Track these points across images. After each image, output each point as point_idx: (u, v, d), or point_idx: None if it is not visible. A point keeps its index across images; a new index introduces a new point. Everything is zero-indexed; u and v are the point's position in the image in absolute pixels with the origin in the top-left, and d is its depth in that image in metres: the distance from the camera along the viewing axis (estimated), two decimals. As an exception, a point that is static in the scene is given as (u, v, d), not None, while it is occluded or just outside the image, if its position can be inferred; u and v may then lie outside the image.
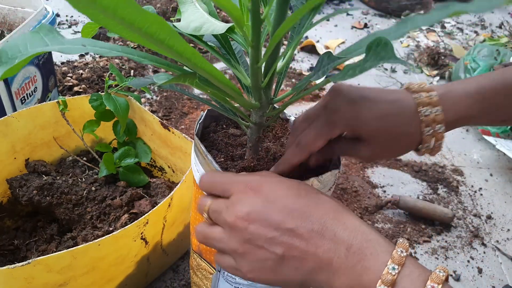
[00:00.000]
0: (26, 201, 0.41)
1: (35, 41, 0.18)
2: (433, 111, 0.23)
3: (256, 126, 0.26)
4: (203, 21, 0.22)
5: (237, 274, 0.22)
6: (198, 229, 0.23)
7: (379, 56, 0.18)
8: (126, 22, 0.15)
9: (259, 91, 0.24)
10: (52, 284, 0.32)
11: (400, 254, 0.18)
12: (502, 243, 0.55)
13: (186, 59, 0.19)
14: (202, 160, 0.27)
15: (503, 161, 0.71)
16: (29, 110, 0.44)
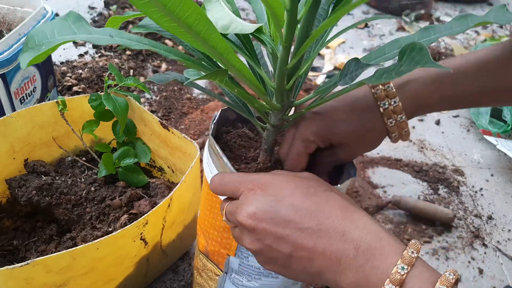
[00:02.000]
0: (25, 201, 0.41)
1: (63, 29, 0.18)
2: (391, 103, 0.24)
3: (273, 128, 0.26)
4: (231, 20, 0.22)
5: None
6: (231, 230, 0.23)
7: (414, 60, 0.18)
8: (167, 9, 0.15)
9: (282, 93, 0.24)
10: (51, 284, 0.31)
11: (411, 255, 0.18)
12: (503, 244, 0.55)
13: (219, 54, 0.19)
14: (217, 161, 0.27)
15: (504, 161, 0.71)
16: (28, 110, 0.44)
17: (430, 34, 0.21)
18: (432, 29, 0.21)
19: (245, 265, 0.29)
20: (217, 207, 0.28)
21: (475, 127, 0.79)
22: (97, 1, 1.09)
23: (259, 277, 0.29)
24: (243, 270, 0.30)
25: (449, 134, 0.77)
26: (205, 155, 0.29)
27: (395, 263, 0.18)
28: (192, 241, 0.49)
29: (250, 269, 0.29)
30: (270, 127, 0.26)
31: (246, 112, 0.27)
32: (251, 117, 0.27)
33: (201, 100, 0.78)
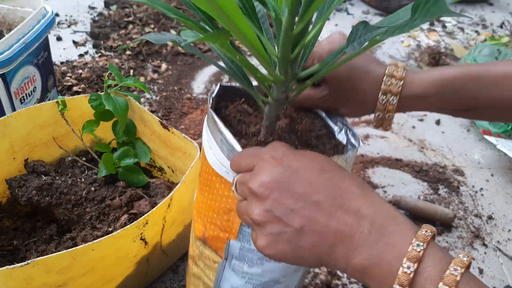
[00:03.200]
0: (25, 201, 0.41)
1: None
2: (393, 83, 0.25)
3: (275, 103, 0.24)
4: None
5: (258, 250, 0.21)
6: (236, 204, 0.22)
7: (429, 12, 0.16)
8: None
9: (287, 63, 0.22)
10: (51, 284, 0.31)
11: (425, 233, 0.18)
12: (503, 244, 0.55)
13: (225, 15, 0.17)
14: (217, 135, 0.25)
15: (504, 161, 0.71)
16: (28, 110, 0.44)
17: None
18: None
19: (247, 249, 0.27)
20: (216, 187, 0.26)
21: (475, 127, 0.78)
22: (97, 1, 1.09)
23: (261, 262, 0.28)
24: (244, 255, 0.28)
25: (450, 134, 0.77)
26: (204, 133, 0.28)
27: (410, 242, 0.18)
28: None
29: (252, 254, 0.27)
30: (272, 101, 0.24)
31: (246, 83, 0.25)
32: (252, 89, 0.25)
33: (201, 100, 0.78)
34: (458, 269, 0.17)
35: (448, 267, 0.17)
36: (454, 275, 0.17)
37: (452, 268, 0.17)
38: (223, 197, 0.27)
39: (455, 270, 0.17)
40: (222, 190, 0.26)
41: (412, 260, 0.17)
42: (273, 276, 0.29)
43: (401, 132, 0.76)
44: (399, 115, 0.86)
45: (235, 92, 0.30)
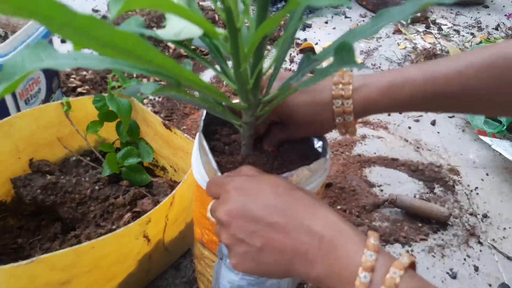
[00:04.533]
0: (30, 200, 0.42)
1: (32, 58, 0.19)
2: (344, 104, 0.27)
3: (247, 125, 0.28)
4: (183, 27, 0.23)
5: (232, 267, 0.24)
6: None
7: (342, 60, 0.19)
8: (101, 42, 0.16)
9: (246, 93, 0.25)
10: (55, 282, 0.32)
11: (374, 243, 0.20)
12: (498, 242, 0.56)
13: (167, 70, 0.20)
14: (203, 157, 0.28)
15: (499, 160, 0.72)
16: (33, 110, 0.44)
17: (382, 20, 0.22)
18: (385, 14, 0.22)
19: None
20: (205, 199, 0.30)
21: (471, 128, 0.80)
22: (100, 4, 1.10)
23: None
24: None
25: (445, 134, 0.78)
26: (194, 152, 0.31)
27: (357, 251, 0.20)
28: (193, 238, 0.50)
29: None
30: (244, 125, 0.28)
31: (220, 112, 0.28)
32: (226, 117, 0.28)
33: (202, 101, 0.79)
34: (397, 271, 0.19)
35: (388, 270, 0.19)
36: (393, 278, 0.19)
37: (392, 271, 0.19)
38: None
39: (394, 273, 0.19)
40: (208, 201, 0.29)
41: (368, 270, 0.19)
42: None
43: (397, 132, 0.78)
44: (395, 115, 0.87)
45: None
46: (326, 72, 0.20)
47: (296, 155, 0.30)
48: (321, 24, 1.23)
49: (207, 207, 0.29)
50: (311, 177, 0.27)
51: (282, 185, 0.23)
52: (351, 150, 0.71)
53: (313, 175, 0.27)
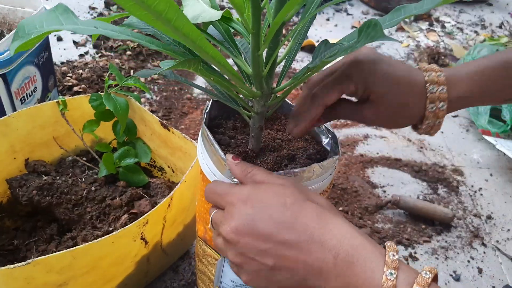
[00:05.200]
0: (26, 201, 0.41)
1: (51, 19, 0.19)
2: (438, 90, 0.25)
3: (258, 116, 0.27)
4: (201, 11, 0.23)
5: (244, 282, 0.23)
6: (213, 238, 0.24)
7: (369, 36, 0.19)
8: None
9: (260, 79, 0.24)
10: (52, 284, 0.32)
11: (393, 258, 0.19)
12: (502, 243, 0.55)
13: (191, 41, 0.19)
14: (209, 148, 0.27)
15: (503, 161, 0.71)
16: (28, 110, 0.44)
17: (401, 14, 0.22)
18: (403, 9, 0.22)
19: None
20: None
21: (475, 127, 0.79)
22: (97, 2, 1.09)
23: None
24: None
25: (449, 134, 0.77)
26: (198, 145, 0.30)
27: (376, 269, 0.18)
28: (192, 240, 0.49)
29: None
30: (254, 115, 0.27)
31: (232, 101, 0.28)
32: (237, 106, 0.28)
33: (201, 100, 0.78)
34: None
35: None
36: None
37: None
38: None
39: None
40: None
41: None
42: None
43: (400, 132, 0.77)
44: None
45: (229, 108, 0.32)
46: (353, 47, 0.19)
47: (304, 151, 0.29)
48: (322, 21, 1.21)
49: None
50: (322, 174, 0.26)
51: (290, 196, 0.22)
52: (353, 150, 0.70)
53: (324, 172, 0.26)
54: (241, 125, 0.32)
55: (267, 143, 0.30)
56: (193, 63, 0.20)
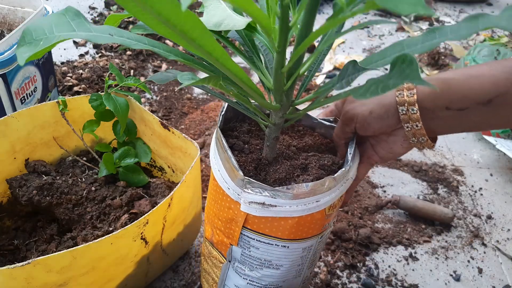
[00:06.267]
0: (26, 201, 0.41)
1: (62, 25, 0.17)
2: (409, 110, 0.26)
3: (275, 127, 0.27)
4: (224, 17, 0.22)
5: None
6: None
7: (403, 74, 0.18)
8: (162, 17, 0.16)
9: (281, 94, 0.24)
10: (52, 284, 0.32)
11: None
12: (503, 243, 0.55)
13: (214, 59, 0.19)
14: (222, 154, 0.27)
15: (503, 161, 0.71)
16: (29, 110, 0.44)
17: (435, 37, 0.21)
18: (438, 32, 0.21)
19: (247, 255, 0.30)
20: (220, 198, 0.29)
21: (475, 127, 0.79)
22: (97, 1, 1.09)
23: (260, 267, 0.30)
24: (245, 260, 0.30)
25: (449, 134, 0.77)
26: (212, 148, 0.30)
27: None
28: (192, 240, 0.49)
29: (252, 259, 0.30)
30: (271, 125, 0.27)
31: (248, 110, 0.28)
32: (253, 115, 0.28)
33: (201, 100, 0.78)
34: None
35: None
36: None
37: None
38: (225, 208, 0.29)
39: None
40: (225, 202, 0.29)
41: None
42: (272, 281, 0.31)
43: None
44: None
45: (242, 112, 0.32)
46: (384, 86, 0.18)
47: (318, 160, 0.29)
48: (322, 21, 1.21)
49: (222, 207, 0.28)
50: (334, 186, 0.27)
51: None
52: (353, 150, 0.70)
53: (337, 184, 0.27)
54: (256, 128, 0.32)
55: (281, 151, 0.30)
56: (213, 79, 0.20)
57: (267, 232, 0.28)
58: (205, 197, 0.56)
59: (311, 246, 0.30)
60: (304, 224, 0.28)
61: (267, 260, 0.30)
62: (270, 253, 0.29)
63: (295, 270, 0.31)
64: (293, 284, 0.33)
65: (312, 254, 0.32)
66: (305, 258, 0.31)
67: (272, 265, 0.30)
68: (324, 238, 0.32)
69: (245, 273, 0.31)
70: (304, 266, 0.32)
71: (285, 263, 0.30)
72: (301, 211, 0.26)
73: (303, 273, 0.33)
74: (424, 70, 0.98)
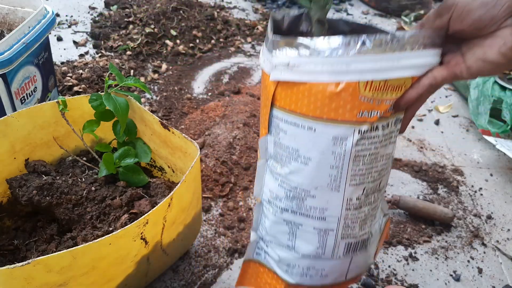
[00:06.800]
0: (26, 201, 0.41)
1: None
2: None
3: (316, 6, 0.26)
4: None
5: None
6: None
7: None
8: None
9: None
10: (52, 284, 0.32)
11: None
12: (502, 243, 0.55)
13: None
14: (267, 39, 0.26)
15: (503, 161, 0.71)
16: (28, 110, 0.44)
17: None
18: None
19: (278, 144, 0.28)
20: (263, 81, 0.29)
21: (475, 127, 0.79)
22: (97, 2, 1.09)
23: (289, 160, 0.28)
24: (277, 152, 0.29)
25: (449, 134, 0.77)
26: (261, 52, 0.28)
27: None
28: (192, 240, 0.49)
29: (282, 150, 0.28)
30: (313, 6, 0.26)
31: None
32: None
33: (201, 100, 0.78)
34: None
35: None
36: None
37: None
38: (264, 90, 0.29)
39: None
40: (263, 81, 0.28)
41: None
42: (302, 181, 0.28)
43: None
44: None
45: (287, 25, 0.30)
46: None
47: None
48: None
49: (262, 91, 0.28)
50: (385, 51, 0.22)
51: None
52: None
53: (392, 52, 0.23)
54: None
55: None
56: None
57: (293, 108, 0.26)
58: (205, 197, 0.57)
59: (345, 140, 0.25)
60: (331, 98, 0.24)
61: (294, 149, 0.27)
62: (298, 139, 0.27)
63: (327, 173, 0.27)
64: (329, 200, 0.27)
65: (352, 160, 0.26)
66: (340, 160, 0.26)
67: (300, 156, 0.27)
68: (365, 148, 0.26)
69: (277, 171, 0.29)
70: (341, 175, 0.26)
71: (314, 155, 0.26)
72: (327, 74, 0.23)
73: (342, 187, 0.27)
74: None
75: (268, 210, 0.31)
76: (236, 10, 1.18)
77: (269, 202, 0.31)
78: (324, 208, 0.28)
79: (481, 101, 0.75)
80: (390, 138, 0.28)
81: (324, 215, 0.29)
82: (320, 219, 0.29)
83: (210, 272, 0.47)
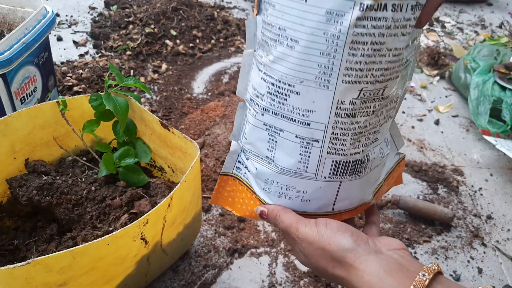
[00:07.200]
0: (26, 201, 0.41)
1: None
2: None
3: None
4: None
5: None
6: None
7: None
8: None
9: None
10: (52, 284, 0.32)
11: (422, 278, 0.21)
12: (502, 243, 0.55)
13: None
14: None
15: (503, 161, 0.71)
16: (28, 110, 0.44)
17: None
18: None
19: (265, 24, 0.23)
20: None
21: (475, 127, 0.79)
22: (97, 1, 1.09)
23: (274, 45, 0.23)
24: (263, 36, 0.24)
25: (449, 134, 0.77)
26: None
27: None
28: (192, 240, 0.49)
29: (268, 31, 0.23)
30: None
31: None
32: None
33: (201, 100, 0.78)
34: (426, 274, 0.20)
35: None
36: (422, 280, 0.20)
37: (421, 274, 0.20)
38: None
39: (423, 275, 0.20)
40: None
41: None
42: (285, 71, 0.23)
43: (400, 131, 0.77)
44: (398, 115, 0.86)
45: None
46: None
47: None
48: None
49: None
50: None
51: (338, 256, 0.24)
52: (353, 150, 0.70)
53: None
54: None
55: None
56: None
57: None
58: (205, 197, 0.56)
59: (341, 17, 0.20)
60: None
61: (281, 29, 0.22)
62: (286, 15, 0.21)
63: (316, 62, 0.21)
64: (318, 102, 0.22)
65: (347, 47, 0.20)
66: (332, 44, 0.20)
67: (286, 38, 0.22)
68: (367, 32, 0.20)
69: (262, 61, 0.24)
70: (333, 67, 0.21)
71: (302, 36, 0.21)
72: None
73: (333, 84, 0.22)
74: (424, 70, 0.98)
75: (249, 111, 0.26)
76: (236, 10, 1.18)
77: (251, 101, 0.25)
78: (309, 110, 0.23)
79: (481, 101, 0.75)
80: (403, 27, 0.21)
81: (309, 120, 0.23)
82: (304, 124, 0.23)
83: (210, 272, 0.47)
